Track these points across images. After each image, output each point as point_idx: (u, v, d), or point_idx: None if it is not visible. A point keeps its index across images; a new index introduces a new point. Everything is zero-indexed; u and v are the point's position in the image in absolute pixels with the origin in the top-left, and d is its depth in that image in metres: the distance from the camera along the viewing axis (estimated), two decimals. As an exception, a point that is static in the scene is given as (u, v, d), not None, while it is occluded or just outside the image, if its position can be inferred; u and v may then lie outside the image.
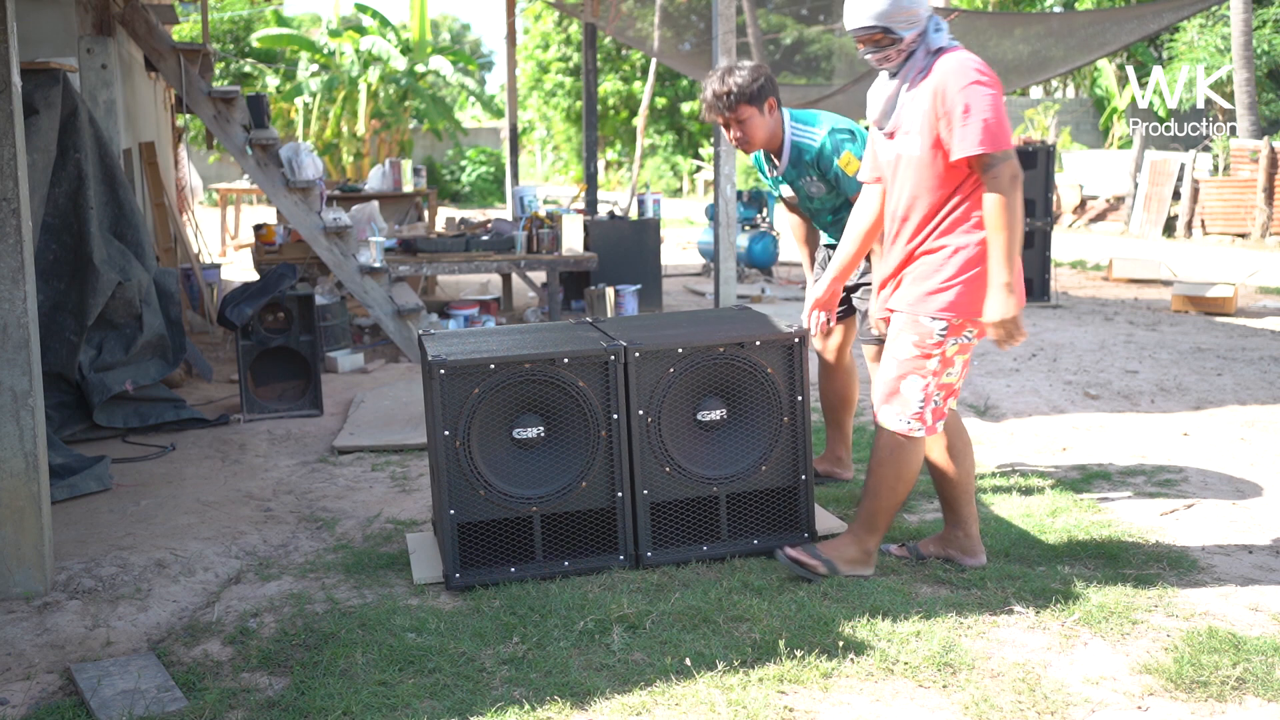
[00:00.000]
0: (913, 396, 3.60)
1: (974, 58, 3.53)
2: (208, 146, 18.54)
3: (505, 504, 3.76)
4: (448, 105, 27.68)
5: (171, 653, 3.33)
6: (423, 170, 11.99)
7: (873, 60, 3.61)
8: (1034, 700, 2.96)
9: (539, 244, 8.53)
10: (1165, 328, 8.87)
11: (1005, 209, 3.41)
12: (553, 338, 4.08)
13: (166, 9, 10.85)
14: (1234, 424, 5.84)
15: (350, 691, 3.03)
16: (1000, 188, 3.41)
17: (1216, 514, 4.44)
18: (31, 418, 3.79)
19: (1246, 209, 16.86)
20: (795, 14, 12.15)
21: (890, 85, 3.63)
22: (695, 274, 13.00)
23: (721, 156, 7.65)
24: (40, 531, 3.82)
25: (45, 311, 5.52)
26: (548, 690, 3.01)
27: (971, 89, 3.42)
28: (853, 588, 3.65)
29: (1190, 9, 11.09)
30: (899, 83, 3.60)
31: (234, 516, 4.63)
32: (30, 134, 5.30)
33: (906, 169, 3.60)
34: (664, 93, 29.70)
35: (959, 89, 3.42)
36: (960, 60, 3.49)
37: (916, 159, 3.55)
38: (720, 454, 3.93)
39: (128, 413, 5.96)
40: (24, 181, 3.76)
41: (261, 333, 6.33)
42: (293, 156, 7.47)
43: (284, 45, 25.66)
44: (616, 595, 3.60)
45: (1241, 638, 3.26)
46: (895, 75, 3.61)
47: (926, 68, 3.53)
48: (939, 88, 3.46)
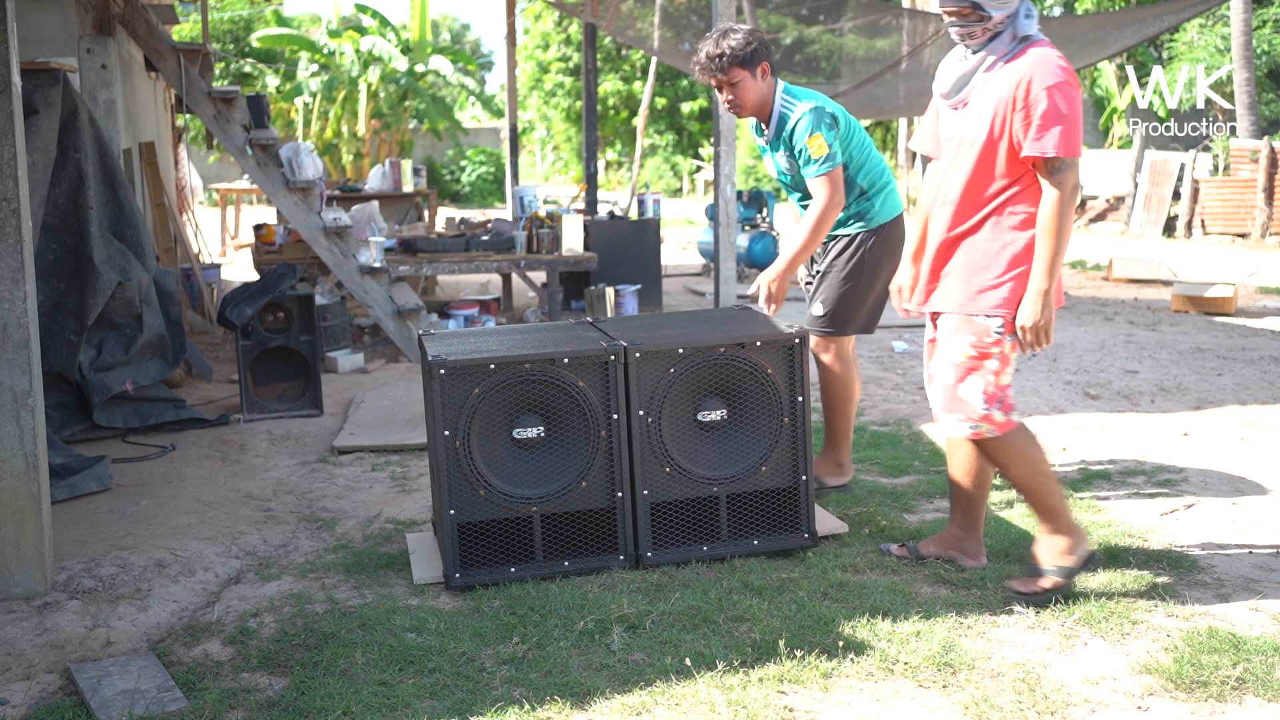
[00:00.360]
0: (975, 399, 3.52)
1: (1060, 56, 3.43)
2: (208, 146, 18.54)
3: (505, 504, 3.76)
4: (448, 105, 27.68)
5: (171, 653, 3.33)
6: (423, 170, 11.99)
7: (956, 35, 3.50)
8: (1034, 700, 2.96)
9: (539, 244, 8.53)
10: (1165, 328, 8.87)
11: (1060, 216, 3.36)
12: (553, 338, 4.08)
13: (166, 9, 10.85)
14: (1234, 424, 5.84)
15: (350, 691, 3.03)
16: (1061, 194, 3.35)
17: (1216, 514, 4.44)
18: (31, 418, 3.79)
19: (1246, 209, 16.86)
20: (795, 14, 12.15)
21: (968, 62, 3.52)
22: (695, 274, 13.00)
23: (721, 156, 7.65)
24: (40, 531, 3.82)
25: (45, 311, 5.52)
26: (548, 690, 3.01)
27: (1058, 90, 3.33)
28: (853, 588, 3.65)
29: (1190, 11, 11.10)
30: (977, 61, 3.48)
31: (234, 516, 4.63)
32: (30, 134, 5.30)
33: (966, 150, 3.51)
34: (664, 93, 29.70)
35: (1045, 86, 3.34)
36: (1049, 56, 3.39)
37: (980, 143, 3.46)
38: (720, 454, 3.93)
39: (128, 413, 5.96)
40: (24, 181, 3.76)
41: (261, 333, 6.33)
42: (293, 156, 7.47)
43: (284, 45, 25.66)
44: (616, 595, 3.60)
45: (1241, 638, 3.25)
46: (976, 53, 3.49)
47: (1012, 53, 3.43)
48: (1023, 78, 3.37)
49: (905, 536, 4.15)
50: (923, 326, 9.20)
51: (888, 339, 8.53)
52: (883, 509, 4.49)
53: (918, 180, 21.78)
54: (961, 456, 3.80)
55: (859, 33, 11.43)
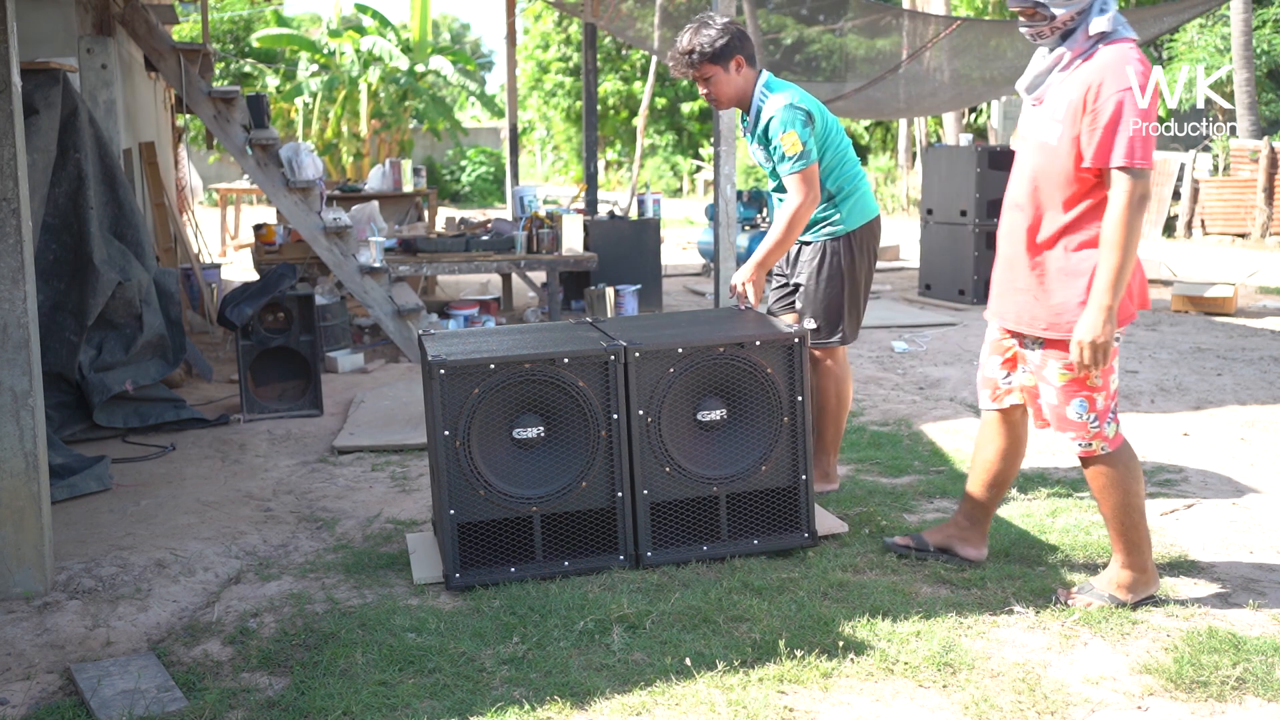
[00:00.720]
0: (1085, 418, 3.41)
1: (1136, 55, 3.25)
2: (208, 146, 18.53)
3: (505, 504, 3.76)
4: (448, 105, 27.68)
5: (171, 653, 3.33)
6: (423, 170, 11.99)
7: (1027, 34, 3.38)
8: (1034, 700, 2.96)
9: (539, 244, 8.53)
10: (1165, 328, 8.87)
11: (1126, 229, 3.18)
12: (553, 338, 4.07)
13: (166, 9, 10.85)
14: (1234, 424, 5.84)
15: (350, 691, 3.03)
16: (1127, 205, 3.18)
17: (1216, 514, 4.44)
18: (31, 418, 3.79)
19: (1246, 209, 16.86)
20: (795, 14, 12.13)
21: (1048, 59, 3.39)
22: (695, 274, 13.00)
23: (721, 156, 7.65)
24: (40, 531, 3.82)
25: (45, 311, 5.52)
26: (548, 690, 3.01)
27: (1128, 95, 3.17)
28: (853, 588, 3.65)
29: (1190, 12, 11.10)
30: (1055, 59, 3.35)
31: (234, 516, 4.63)
32: (30, 134, 5.30)
33: (1038, 154, 3.38)
34: (664, 93, 29.70)
35: (1114, 91, 3.18)
36: (1121, 56, 3.23)
37: (1051, 148, 3.33)
38: (720, 454, 3.93)
39: (128, 413, 5.96)
40: (24, 181, 3.76)
41: (261, 333, 6.33)
42: (293, 156, 7.47)
43: (284, 45, 25.65)
44: (616, 595, 3.60)
45: (1241, 638, 3.26)
46: (1053, 51, 3.37)
47: (1087, 52, 3.29)
48: (1092, 83, 3.22)
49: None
50: (923, 326, 9.11)
51: (888, 339, 8.53)
52: (883, 509, 4.49)
53: (917, 181, 21.77)
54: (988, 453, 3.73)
55: (859, 33, 11.42)
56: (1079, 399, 3.40)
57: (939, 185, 10.59)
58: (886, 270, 13.32)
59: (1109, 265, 3.22)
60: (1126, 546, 3.49)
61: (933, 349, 8.11)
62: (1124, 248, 3.19)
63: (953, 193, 10.33)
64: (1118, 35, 3.29)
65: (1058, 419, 3.47)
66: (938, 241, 10.58)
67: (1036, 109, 3.42)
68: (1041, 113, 3.39)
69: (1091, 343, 3.25)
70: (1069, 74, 3.32)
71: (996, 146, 10.54)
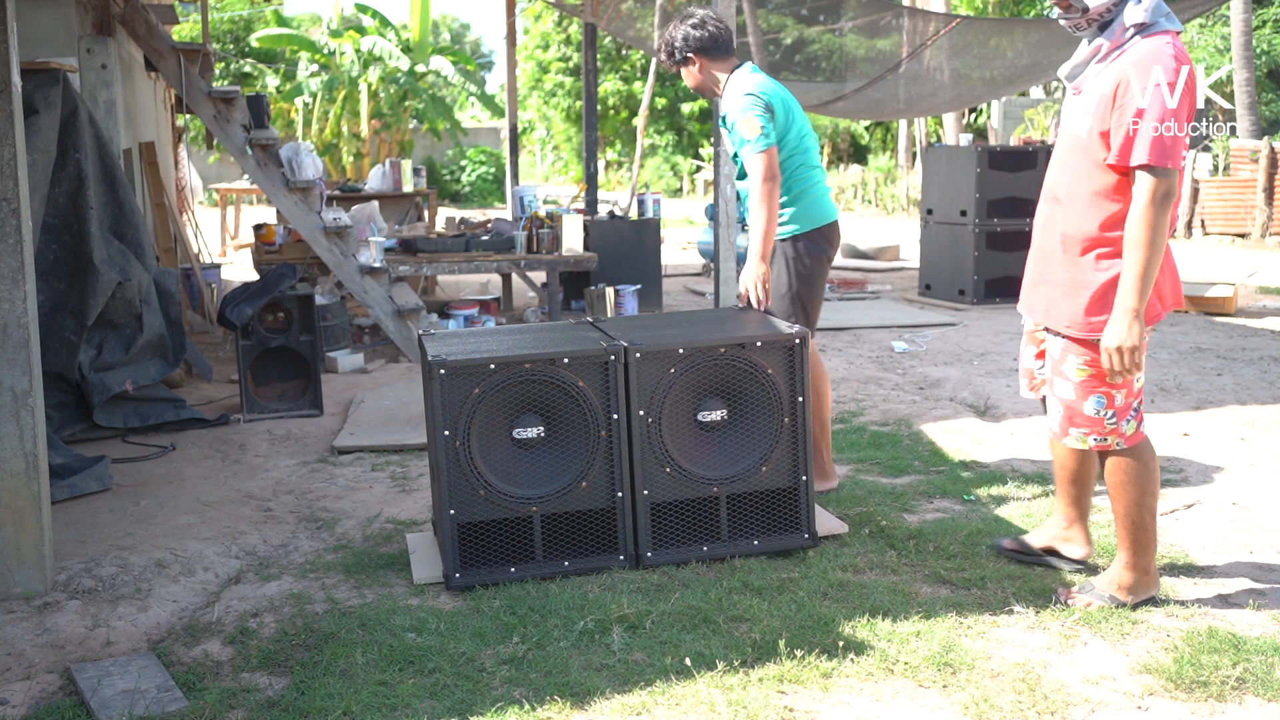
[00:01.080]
0: (1102, 414, 3.38)
1: (1170, 51, 3.17)
2: (208, 146, 18.53)
3: (505, 504, 3.76)
4: (448, 105, 27.69)
5: (171, 653, 3.33)
6: (423, 170, 11.99)
7: (1066, 26, 3.35)
8: (1034, 700, 2.96)
9: (539, 244, 8.53)
10: (1165, 328, 8.87)
11: (1150, 228, 3.13)
12: (553, 338, 4.08)
13: (166, 9, 10.85)
14: (1234, 424, 5.84)
15: (350, 691, 3.03)
16: (1150, 203, 3.13)
17: (1216, 514, 4.44)
18: (31, 418, 3.79)
19: (1246, 209, 16.86)
20: (795, 14, 12.13)
21: (1087, 49, 3.34)
22: (695, 274, 13.00)
23: (721, 156, 7.64)
24: (40, 531, 3.82)
25: (45, 311, 5.52)
26: (548, 690, 3.01)
27: (1157, 92, 3.11)
28: (853, 588, 3.66)
29: (1190, 12, 11.10)
30: (1094, 49, 3.30)
31: (234, 516, 4.63)
32: (30, 134, 5.30)
33: (1072, 147, 3.35)
34: (664, 93, 29.71)
35: (1143, 86, 3.13)
36: (1153, 53, 3.17)
37: (1081, 141, 3.30)
38: (720, 454, 3.93)
39: (128, 413, 5.96)
40: (24, 181, 3.76)
41: (261, 333, 6.33)
42: (293, 156, 7.47)
43: (284, 45, 25.66)
44: (616, 595, 3.60)
45: (1241, 638, 3.26)
46: (1092, 42, 3.32)
47: (1124, 44, 3.23)
48: (1123, 77, 3.17)
49: (905, 536, 4.14)
50: (923, 326, 9.11)
51: (888, 339, 8.53)
52: (883, 509, 4.49)
53: (917, 181, 21.77)
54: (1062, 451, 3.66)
55: (859, 33, 11.42)
56: (1097, 395, 3.38)
57: (939, 185, 10.59)
58: (886, 270, 13.33)
59: (1134, 265, 3.17)
60: (1133, 546, 3.48)
61: (933, 349, 8.11)
62: (1148, 246, 3.15)
63: (953, 193, 10.33)
64: (1158, 27, 3.22)
65: (1068, 415, 3.45)
66: (938, 241, 10.59)
67: (1075, 99, 3.39)
68: (1078, 103, 3.35)
69: (1118, 348, 3.22)
70: (1105, 65, 3.28)
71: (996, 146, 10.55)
